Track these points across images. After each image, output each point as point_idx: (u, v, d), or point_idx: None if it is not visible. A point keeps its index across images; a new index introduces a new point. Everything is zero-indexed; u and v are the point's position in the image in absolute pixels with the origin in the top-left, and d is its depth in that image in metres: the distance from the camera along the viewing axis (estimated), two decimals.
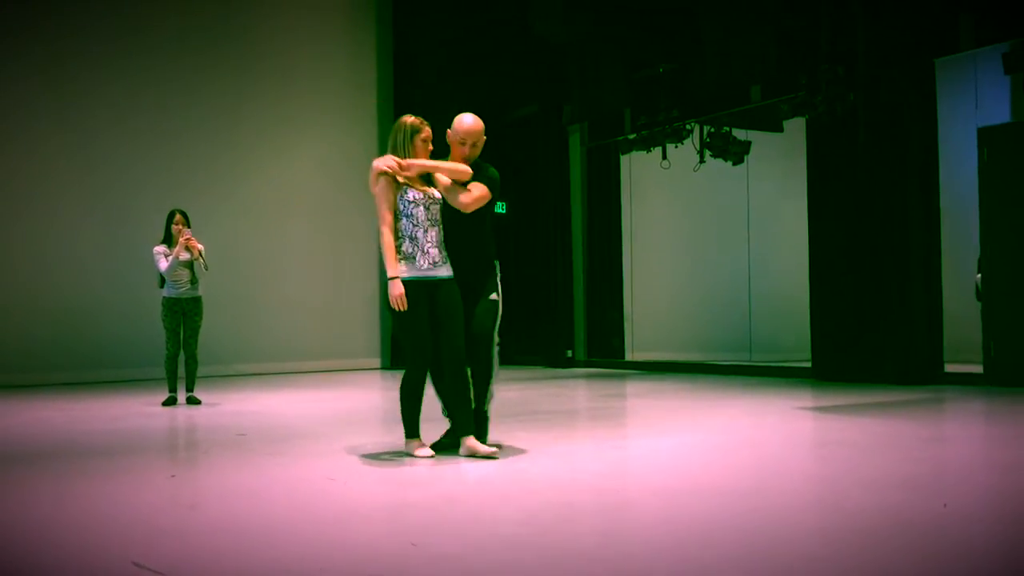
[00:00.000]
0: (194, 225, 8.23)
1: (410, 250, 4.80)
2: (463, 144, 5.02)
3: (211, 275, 8.30)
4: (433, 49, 12.76)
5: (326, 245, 12.56)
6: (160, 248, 7.98)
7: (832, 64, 8.90)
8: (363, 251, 12.84)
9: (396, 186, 4.81)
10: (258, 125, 12.13)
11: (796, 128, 10.11)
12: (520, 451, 4.95)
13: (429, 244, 4.81)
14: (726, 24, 10.24)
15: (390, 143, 4.94)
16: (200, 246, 7.94)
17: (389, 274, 4.75)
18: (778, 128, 11.09)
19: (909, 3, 8.59)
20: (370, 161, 5.03)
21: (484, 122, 5.07)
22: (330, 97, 12.72)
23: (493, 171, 5.10)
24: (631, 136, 11.31)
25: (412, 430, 4.89)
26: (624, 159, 12.04)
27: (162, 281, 7.98)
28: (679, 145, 10.86)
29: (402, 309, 4.72)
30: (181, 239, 7.84)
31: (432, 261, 4.81)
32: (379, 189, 4.82)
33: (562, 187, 12.61)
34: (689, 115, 10.71)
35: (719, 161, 10.94)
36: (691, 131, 10.83)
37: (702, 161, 10.96)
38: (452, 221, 4.94)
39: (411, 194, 4.82)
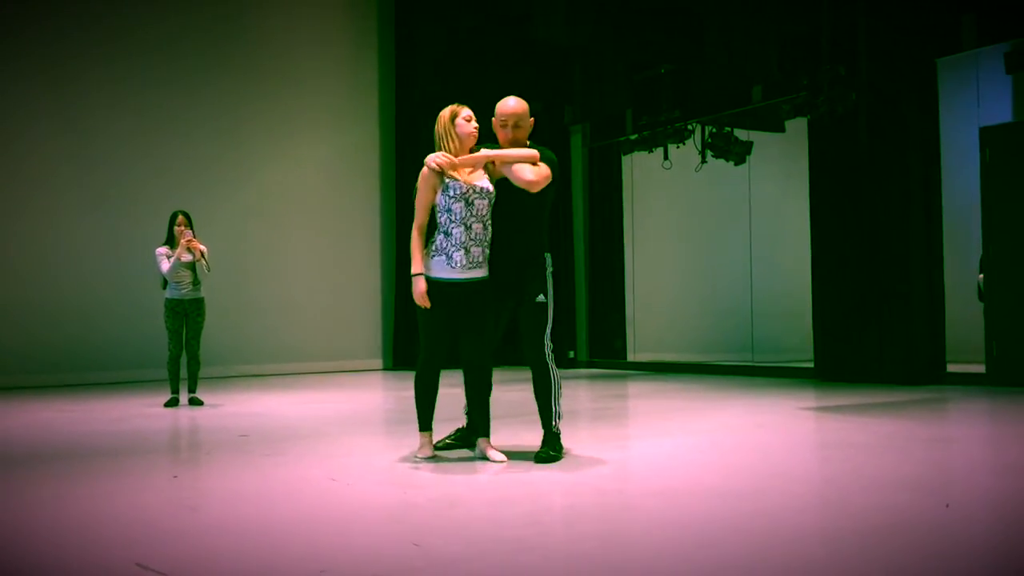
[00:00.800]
0: (196, 226, 8.23)
1: (445, 246, 4.60)
2: (504, 127, 4.78)
3: (213, 276, 8.31)
4: (434, 49, 12.77)
5: (328, 246, 12.57)
6: (162, 250, 7.99)
7: (833, 64, 8.90)
8: (365, 252, 12.85)
9: (440, 182, 4.59)
10: (259, 126, 12.14)
11: (798, 128, 10.11)
12: (522, 452, 4.94)
13: (472, 242, 4.59)
14: (727, 25, 10.25)
15: (435, 141, 4.70)
16: (202, 247, 7.94)
17: (413, 270, 4.62)
18: (780, 128, 11.08)
19: (910, 3, 8.59)
20: (371, 161, 4.98)
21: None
22: (332, 97, 12.72)
23: (550, 153, 4.80)
24: (633, 136, 11.31)
25: (423, 423, 4.82)
26: (626, 159, 12.04)
27: (165, 283, 7.99)
28: (681, 145, 10.86)
29: (424, 307, 4.64)
30: (183, 240, 7.85)
31: (472, 261, 4.59)
32: (421, 184, 4.63)
33: (564, 187, 12.62)
34: (691, 115, 10.70)
35: (721, 161, 10.94)
36: (693, 131, 10.83)
37: (704, 161, 10.96)
38: (504, 212, 4.67)
39: (453, 187, 4.58)
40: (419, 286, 4.62)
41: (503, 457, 4.71)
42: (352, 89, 12.89)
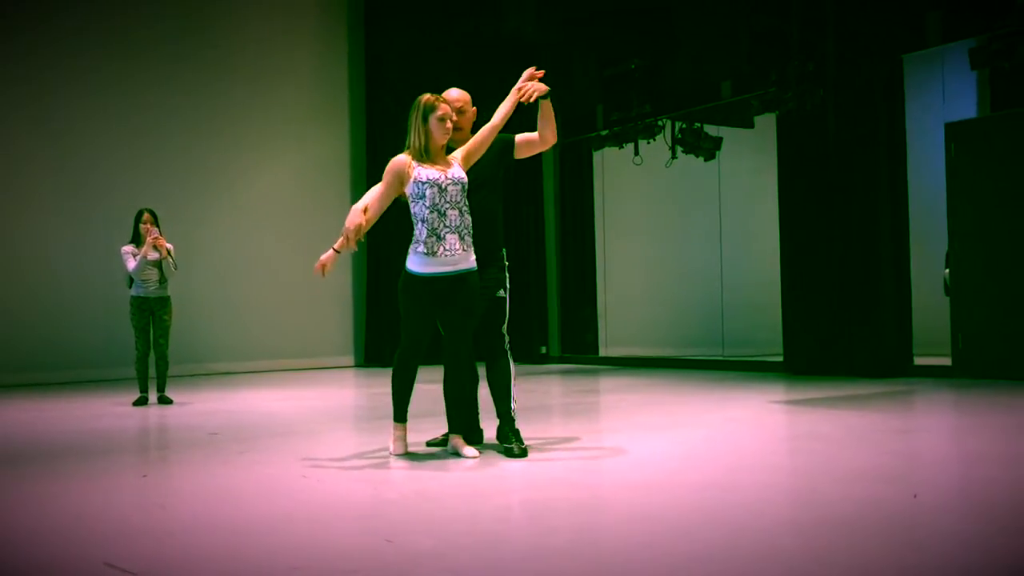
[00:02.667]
0: (164, 225, 8.15)
1: (424, 236, 4.54)
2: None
3: (182, 274, 8.24)
4: (405, 46, 12.70)
5: (298, 243, 12.46)
6: (128, 248, 7.90)
7: (802, 60, 8.98)
8: None
9: (406, 177, 4.57)
10: (228, 123, 12.03)
11: (767, 124, 10.18)
12: (495, 448, 4.94)
13: (447, 229, 4.53)
14: (697, 21, 10.30)
15: (407, 128, 4.63)
16: (168, 245, 7.86)
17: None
18: (749, 124, 11.15)
19: (877, 0, 8.67)
20: (341, 158, 4.97)
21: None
22: (302, 95, 12.64)
23: (507, 136, 4.94)
24: (603, 132, 11.34)
25: (398, 414, 4.79)
26: (597, 155, 12.06)
27: (130, 281, 7.90)
28: (651, 141, 10.90)
29: (349, 232, 4.60)
30: (149, 238, 7.76)
31: (449, 249, 4.53)
32: (385, 174, 4.63)
33: (535, 183, 12.62)
34: (661, 111, 10.75)
35: (691, 157, 10.99)
36: (663, 127, 10.88)
37: (674, 157, 11.01)
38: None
39: (424, 174, 4.53)
40: (351, 220, 4.66)
41: (476, 453, 4.71)
42: (323, 88, 12.82)
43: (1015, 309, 8.05)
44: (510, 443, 4.75)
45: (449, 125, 4.63)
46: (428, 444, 5.08)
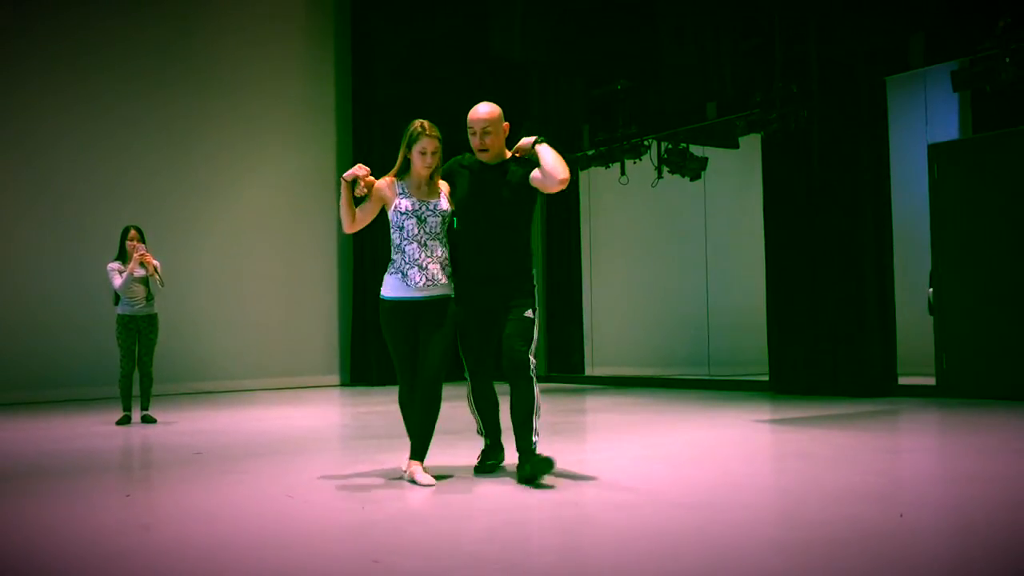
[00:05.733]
0: (150, 242, 8.12)
1: (400, 264, 4.51)
2: (473, 135, 4.63)
3: (167, 292, 8.19)
4: (392, 69, 12.74)
5: (283, 261, 12.47)
6: (114, 265, 7.86)
7: (786, 82, 9.06)
8: (321, 268, 12.77)
9: (391, 196, 4.53)
10: (214, 140, 12.03)
11: (752, 144, 10.25)
12: (464, 467, 4.92)
13: (429, 259, 4.49)
14: (683, 42, 10.38)
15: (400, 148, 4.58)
16: (155, 262, 7.83)
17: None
18: (734, 144, 11.24)
19: (861, 23, 8.76)
20: (326, 176, 4.92)
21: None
22: (288, 112, 12.65)
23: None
24: (590, 152, 11.39)
25: (414, 450, 4.53)
26: (583, 175, 12.11)
27: (117, 298, 7.85)
28: (637, 161, 10.96)
29: (350, 178, 4.45)
30: (136, 255, 7.73)
31: (430, 279, 4.48)
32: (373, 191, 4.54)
33: None
34: (647, 131, 10.81)
35: (676, 177, 11.05)
36: (649, 147, 10.94)
37: (660, 177, 11.07)
38: (488, 228, 4.60)
39: (404, 204, 4.51)
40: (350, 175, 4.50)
41: (432, 481, 4.45)
42: (308, 104, 12.83)
43: (999, 329, 8.11)
44: (527, 473, 4.42)
45: (429, 161, 4.52)
46: (477, 472, 4.82)
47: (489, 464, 4.89)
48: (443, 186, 4.69)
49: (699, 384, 10.71)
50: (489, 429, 4.93)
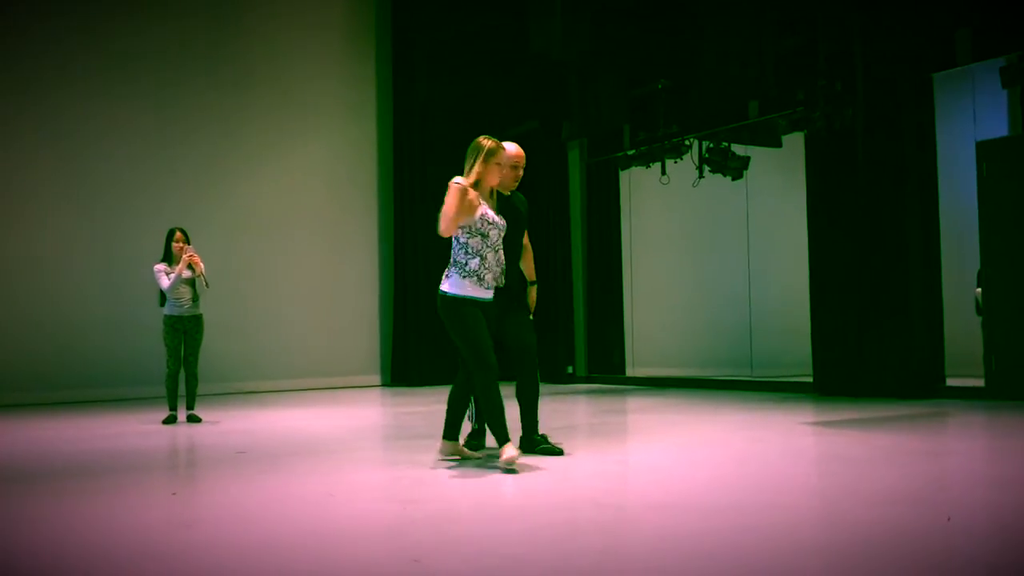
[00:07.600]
0: (190, 241, 8.23)
1: (478, 268, 4.91)
2: (515, 167, 5.40)
3: (210, 292, 8.30)
4: (433, 67, 12.81)
5: (325, 261, 12.57)
6: (160, 266, 7.98)
7: (830, 80, 8.94)
8: (362, 267, 12.85)
9: (473, 209, 4.85)
10: (254, 138, 12.15)
11: (795, 143, 10.13)
12: (521, 468, 4.93)
13: (487, 271, 4.94)
14: (724, 40, 10.29)
15: (465, 158, 4.93)
16: (201, 264, 7.94)
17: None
18: (777, 143, 11.11)
19: (906, 18, 8.63)
20: (367, 173, 5.05)
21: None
22: (328, 108, 12.75)
23: (521, 197, 5.60)
24: (630, 152, 11.34)
25: (501, 436, 4.87)
26: (623, 175, 12.07)
27: (163, 299, 7.97)
28: (678, 161, 10.89)
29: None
30: (184, 256, 7.84)
31: (493, 281, 4.98)
32: (456, 199, 4.73)
33: (562, 203, 12.63)
34: (688, 131, 10.74)
35: (718, 176, 10.97)
36: (690, 147, 10.86)
37: (701, 176, 10.99)
38: (504, 245, 5.22)
39: (491, 214, 4.93)
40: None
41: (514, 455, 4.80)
42: (348, 100, 12.91)
43: None
44: (547, 443, 5.37)
45: (519, 173, 5.34)
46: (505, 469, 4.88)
47: (474, 444, 5.55)
48: None
49: (741, 385, 10.62)
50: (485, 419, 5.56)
